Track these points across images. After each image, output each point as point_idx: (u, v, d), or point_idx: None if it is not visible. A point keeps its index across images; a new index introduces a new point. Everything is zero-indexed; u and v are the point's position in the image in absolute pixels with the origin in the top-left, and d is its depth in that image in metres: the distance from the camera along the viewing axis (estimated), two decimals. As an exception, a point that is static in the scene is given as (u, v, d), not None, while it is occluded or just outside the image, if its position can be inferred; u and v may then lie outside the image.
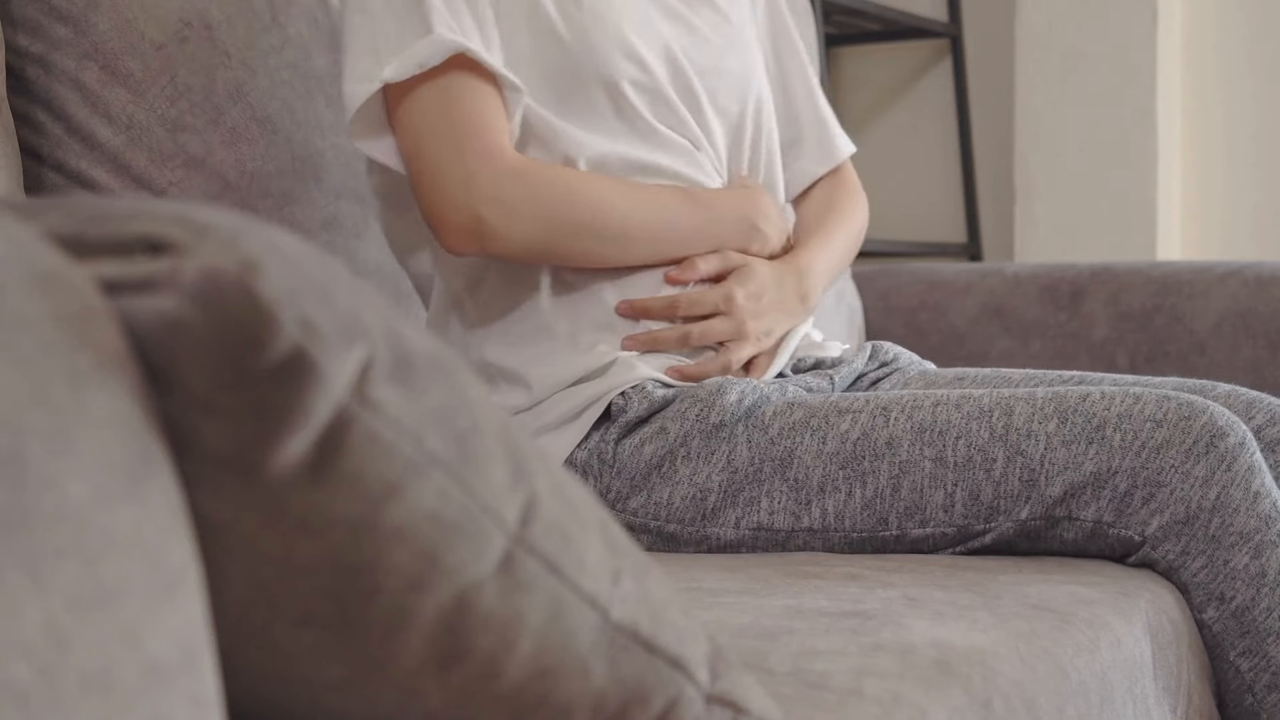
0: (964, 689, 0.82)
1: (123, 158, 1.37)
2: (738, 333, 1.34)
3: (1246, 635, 1.13)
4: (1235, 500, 1.12)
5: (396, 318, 0.48)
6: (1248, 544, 1.12)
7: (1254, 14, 2.81)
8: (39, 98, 1.35)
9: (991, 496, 1.17)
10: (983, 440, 1.17)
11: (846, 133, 1.63)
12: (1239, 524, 1.12)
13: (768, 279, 1.37)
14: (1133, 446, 1.13)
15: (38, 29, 1.34)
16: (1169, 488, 1.12)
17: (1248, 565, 1.12)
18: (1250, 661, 1.13)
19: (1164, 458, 1.13)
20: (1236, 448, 1.12)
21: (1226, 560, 1.12)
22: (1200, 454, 1.12)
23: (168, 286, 0.43)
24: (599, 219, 1.29)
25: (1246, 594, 1.12)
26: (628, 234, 1.31)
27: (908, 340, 2.14)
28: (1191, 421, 1.13)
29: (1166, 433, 1.13)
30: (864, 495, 1.20)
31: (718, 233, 1.36)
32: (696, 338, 1.33)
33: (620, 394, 1.27)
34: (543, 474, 0.52)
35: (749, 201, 1.39)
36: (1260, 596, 1.12)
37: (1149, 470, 1.13)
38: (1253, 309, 1.95)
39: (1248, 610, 1.12)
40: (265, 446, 0.44)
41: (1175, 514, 1.12)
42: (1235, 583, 1.12)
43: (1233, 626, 1.13)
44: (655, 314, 1.33)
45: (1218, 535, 1.12)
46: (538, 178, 1.28)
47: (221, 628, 0.47)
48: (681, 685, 0.57)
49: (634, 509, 1.25)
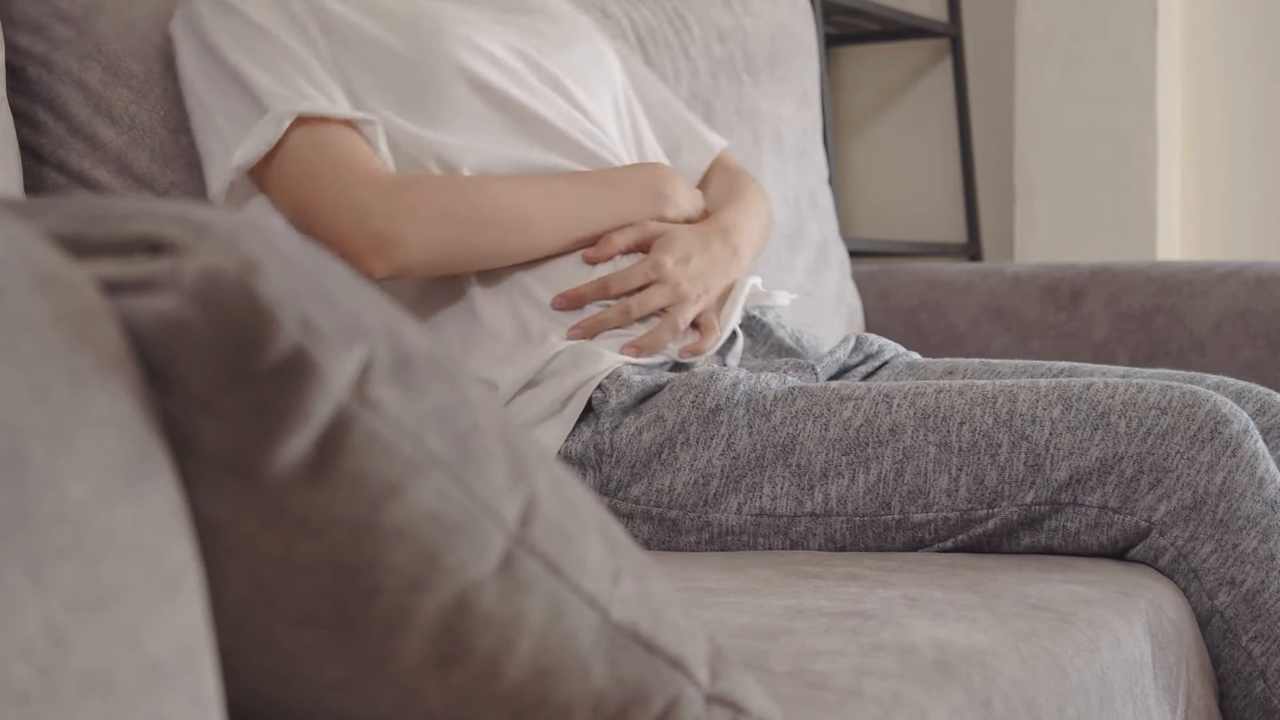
0: (964, 689, 0.82)
1: (125, 158, 1.37)
2: (675, 295, 1.37)
3: (1259, 619, 1.13)
4: (1241, 485, 1.12)
5: (396, 318, 0.48)
6: (1255, 528, 1.12)
7: (1254, 14, 2.81)
8: (41, 97, 1.35)
9: (996, 481, 1.17)
10: (987, 425, 1.18)
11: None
12: (1245, 508, 1.12)
13: (692, 241, 1.41)
14: (1138, 433, 1.14)
15: (40, 29, 1.34)
16: (1175, 473, 1.13)
17: (1257, 549, 1.12)
18: (1262, 646, 1.13)
19: (1169, 444, 1.13)
20: (1240, 434, 1.13)
21: (1235, 544, 1.12)
22: (1205, 440, 1.13)
23: (168, 286, 0.43)
24: (496, 211, 1.33)
25: (1257, 577, 1.12)
26: (529, 221, 1.34)
27: (908, 340, 2.14)
28: (1195, 409, 1.14)
29: (1171, 419, 1.13)
30: (867, 480, 1.20)
31: (623, 205, 1.38)
32: (636, 310, 1.35)
33: (598, 386, 1.27)
34: (543, 474, 0.52)
35: (649, 170, 1.43)
36: (1270, 580, 1.12)
37: (1155, 456, 1.13)
38: (1253, 309, 1.95)
39: (1258, 593, 1.13)
40: (265, 446, 0.44)
41: (1183, 499, 1.13)
42: (1245, 566, 1.12)
43: (1245, 611, 1.13)
44: (590, 298, 1.35)
45: (1225, 520, 1.12)
46: (424, 184, 1.33)
47: (221, 628, 0.47)
48: (681, 685, 0.57)
49: (635, 497, 1.25)
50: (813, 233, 2.13)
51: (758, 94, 2.06)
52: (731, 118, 2.00)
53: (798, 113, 2.14)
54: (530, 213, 1.34)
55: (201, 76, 1.34)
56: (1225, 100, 2.84)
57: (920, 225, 3.10)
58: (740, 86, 2.04)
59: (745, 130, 2.02)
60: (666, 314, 1.37)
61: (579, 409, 1.28)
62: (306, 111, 1.30)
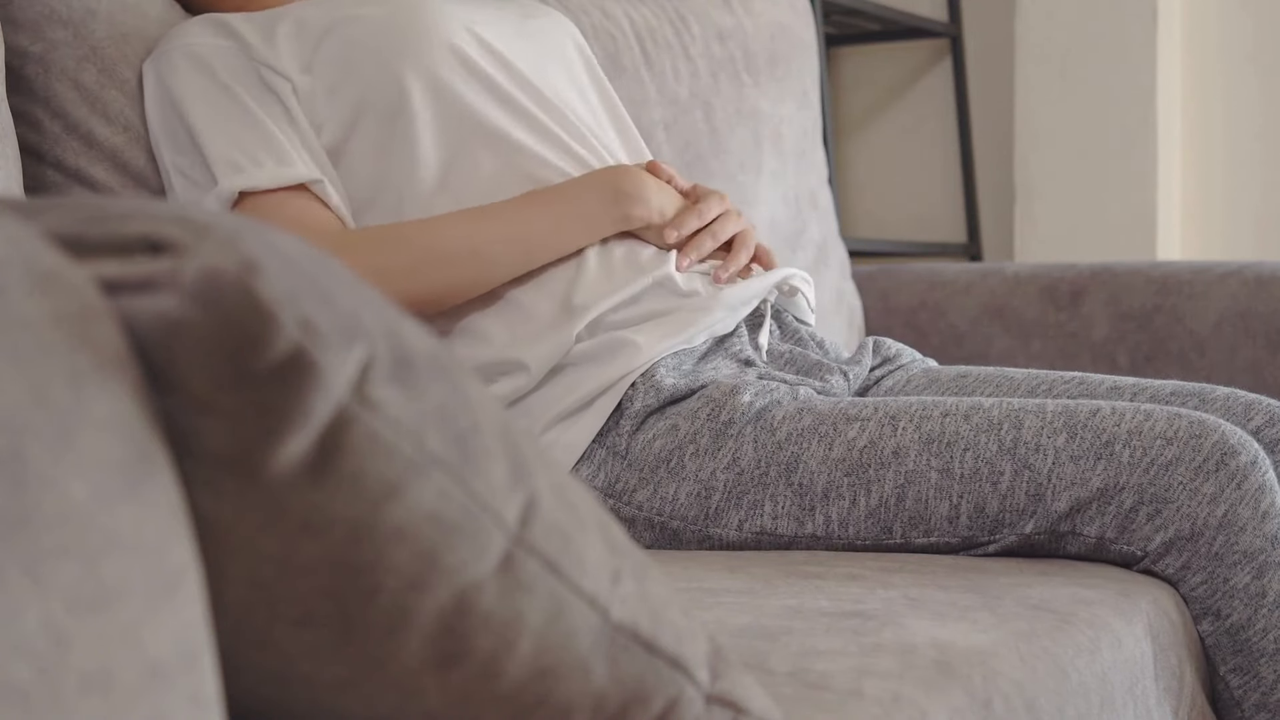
0: (964, 689, 0.82)
1: (121, 156, 1.37)
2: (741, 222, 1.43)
3: (1239, 653, 1.13)
4: (1243, 519, 1.11)
5: (396, 318, 0.48)
6: (1251, 563, 1.11)
7: (1254, 13, 2.81)
8: (38, 96, 1.35)
9: (997, 510, 1.17)
10: (990, 453, 1.17)
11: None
12: (1244, 543, 1.11)
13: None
14: (1141, 463, 1.13)
15: (37, 30, 1.34)
16: (1175, 504, 1.12)
17: (1248, 585, 1.11)
18: (1240, 679, 1.13)
19: (1172, 474, 1.12)
20: (1248, 466, 1.12)
21: (1226, 578, 1.12)
22: (1210, 471, 1.12)
23: (168, 286, 0.43)
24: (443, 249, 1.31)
25: (1243, 613, 1.12)
26: (478, 251, 1.32)
27: (907, 340, 2.14)
28: (1203, 439, 1.12)
29: (1176, 450, 1.13)
30: (868, 504, 1.19)
31: (584, 212, 1.35)
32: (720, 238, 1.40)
33: (631, 386, 1.27)
34: (543, 474, 0.52)
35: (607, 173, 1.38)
36: (1258, 617, 1.12)
37: (1156, 487, 1.13)
38: (1253, 309, 1.95)
39: (1242, 629, 1.12)
40: (265, 447, 0.44)
41: (1179, 530, 1.12)
42: (1233, 601, 1.12)
43: (1225, 643, 1.13)
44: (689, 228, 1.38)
45: (1221, 553, 1.11)
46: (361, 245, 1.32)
47: (221, 628, 0.47)
48: (681, 685, 0.57)
49: (639, 502, 1.25)
50: (813, 233, 2.13)
51: (758, 94, 2.06)
52: (731, 118, 2.00)
53: (798, 113, 2.14)
54: (479, 243, 1.32)
55: (163, 127, 1.36)
56: (1225, 100, 2.84)
57: (920, 225, 3.10)
58: (740, 86, 2.04)
59: (745, 130, 2.02)
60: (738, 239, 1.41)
61: (608, 408, 1.27)
62: (247, 187, 1.31)
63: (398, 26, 1.39)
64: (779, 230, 2.06)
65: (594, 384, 1.28)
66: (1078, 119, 2.78)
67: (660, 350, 1.29)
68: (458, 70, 1.39)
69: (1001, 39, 2.96)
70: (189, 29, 1.38)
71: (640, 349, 1.28)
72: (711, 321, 1.33)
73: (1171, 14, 2.76)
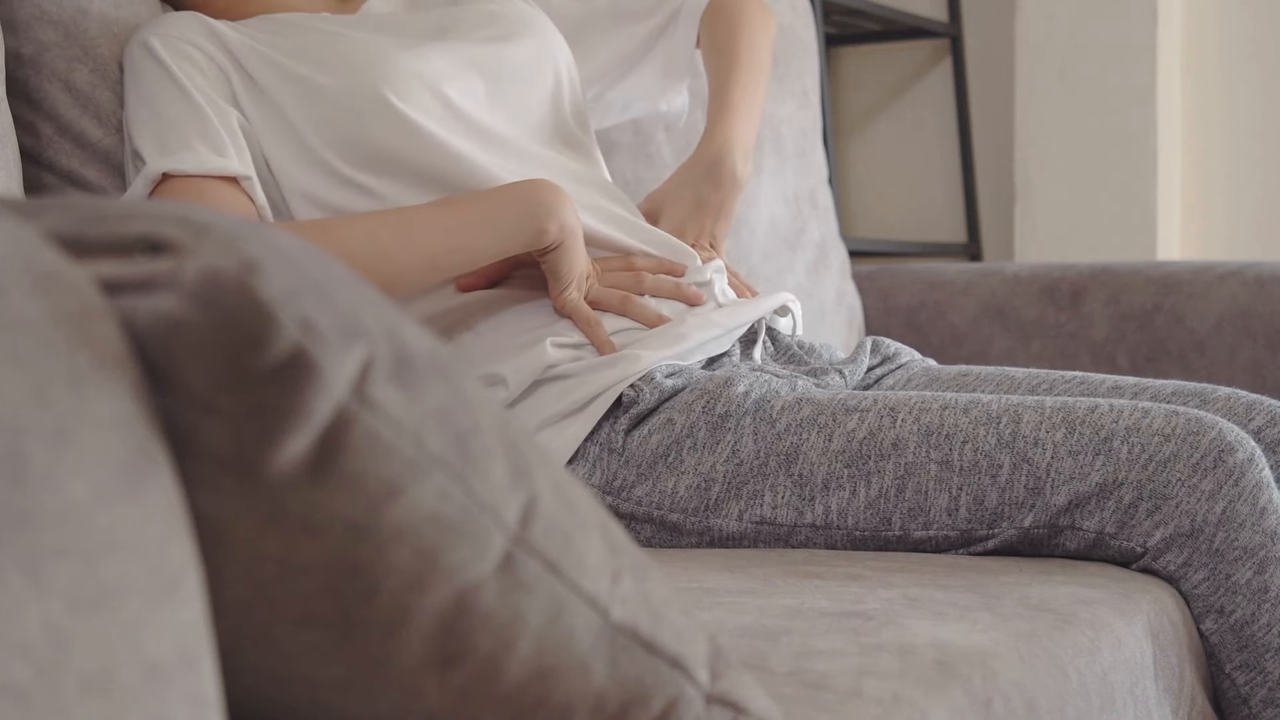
0: (964, 689, 0.82)
1: (115, 157, 1.37)
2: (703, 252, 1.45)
3: (1244, 649, 1.13)
4: (1241, 515, 1.11)
5: (397, 318, 0.48)
6: (1252, 559, 1.11)
7: (1254, 13, 2.81)
8: (30, 98, 1.35)
9: (996, 502, 1.17)
10: (989, 446, 1.17)
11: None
12: (1244, 539, 1.11)
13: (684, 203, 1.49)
14: (1139, 459, 1.13)
15: (28, 31, 1.34)
16: (1174, 501, 1.12)
17: (1250, 580, 1.11)
18: (1246, 675, 1.13)
19: (1170, 471, 1.12)
20: (1245, 463, 1.12)
21: (1229, 575, 1.12)
22: (1208, 468, 1.12)
23: (168, 286, 0.43)
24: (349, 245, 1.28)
25: (1247, 609, 1.12)
26: (384, 251, 1.29)
27: (907, 340, 2.14)
28: (1200, 436, 1.13)
29: (1174, 446, 1.13)
30: (868, 494, 1.20)
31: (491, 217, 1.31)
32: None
33: (630, 385, 1.27)
34: (543, 474, 0.52)
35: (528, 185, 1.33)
36: (1261, 612, 1.12)
37: (1155, 483, 1.13)
38: (1253, 309, 1.95)
39: (1247, 625, 1.12)
40: (265, 447, 0.44)
41: (1179, 527, 1.12)
42: (1236, 597, 1.12)
43: (1230, 640, 1.13)
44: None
45: (1221, 549, 1.12)
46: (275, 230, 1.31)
47: (221, 628, 0.47)
48: (681, 685, 0.57)
49: (638, 498, 1.25)
50: (813, 233, 2.13)
51: (758, 94, 2.05)
52: (731, 118, 2.00)
53: (798, 113, 2.14)
54: (383, 244, 1.29)
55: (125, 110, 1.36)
56: (1225, 100, 2.84)
57: (920, 225, 3.10)
58: (740, 86, 2.03)
59: (745, 130, 2.02)
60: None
61: (603, 407, 1.27)
62: (172, 170, 1.30)
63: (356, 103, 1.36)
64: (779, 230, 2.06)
65: (590, 388, 1.28)
66: (1078, 119, 2.78)
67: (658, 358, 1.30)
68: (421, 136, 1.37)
69: (1001, 39, 2.96)
70: (163, 19, 1.38)
71: (640, 359, 1.29)
72: (705, 339, 1.34)
73: (1171, 14, 2.76)
